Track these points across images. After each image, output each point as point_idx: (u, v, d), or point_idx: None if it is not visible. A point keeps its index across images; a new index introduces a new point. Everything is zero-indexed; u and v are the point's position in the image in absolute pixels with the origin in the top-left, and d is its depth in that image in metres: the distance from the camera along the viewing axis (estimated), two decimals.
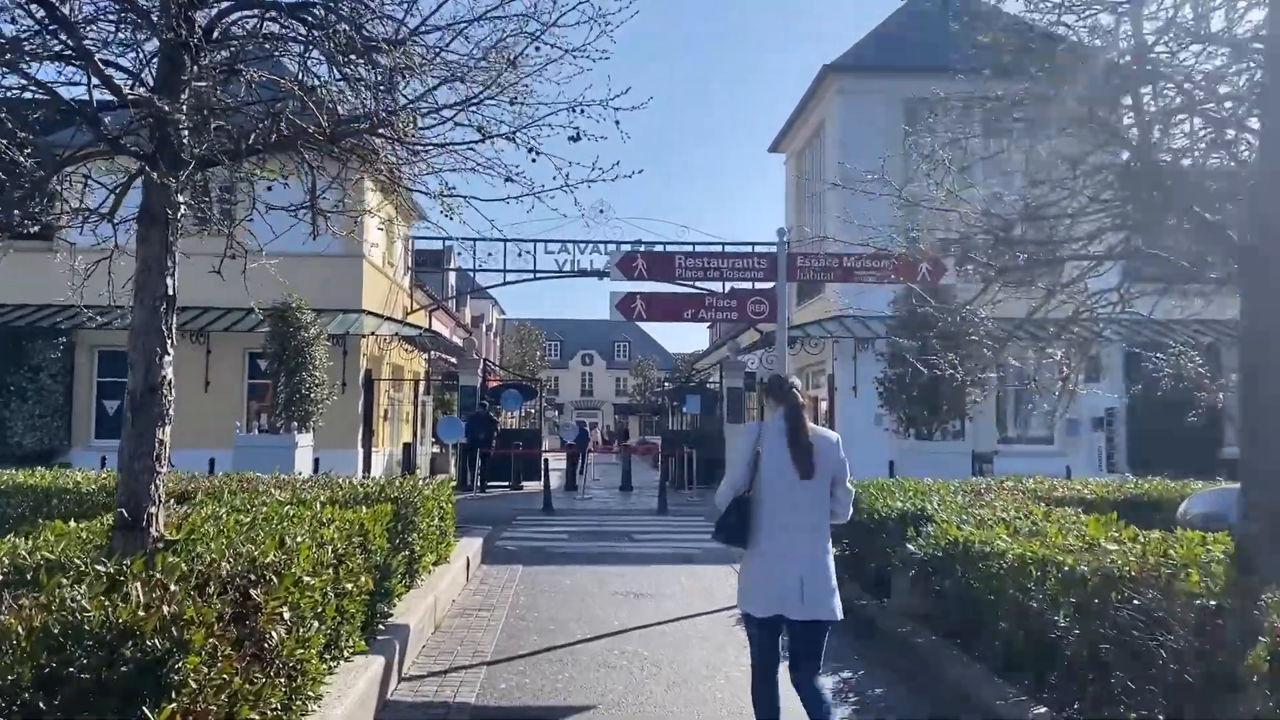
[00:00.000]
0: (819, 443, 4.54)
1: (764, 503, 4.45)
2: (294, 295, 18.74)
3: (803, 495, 4.44)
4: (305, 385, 18.23)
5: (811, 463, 4.43)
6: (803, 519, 4.44)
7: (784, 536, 4.41)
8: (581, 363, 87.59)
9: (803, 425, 4.53)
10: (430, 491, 8.38)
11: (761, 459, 4.47)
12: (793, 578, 4.33)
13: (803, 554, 4.38)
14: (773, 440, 4.49)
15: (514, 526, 14.86)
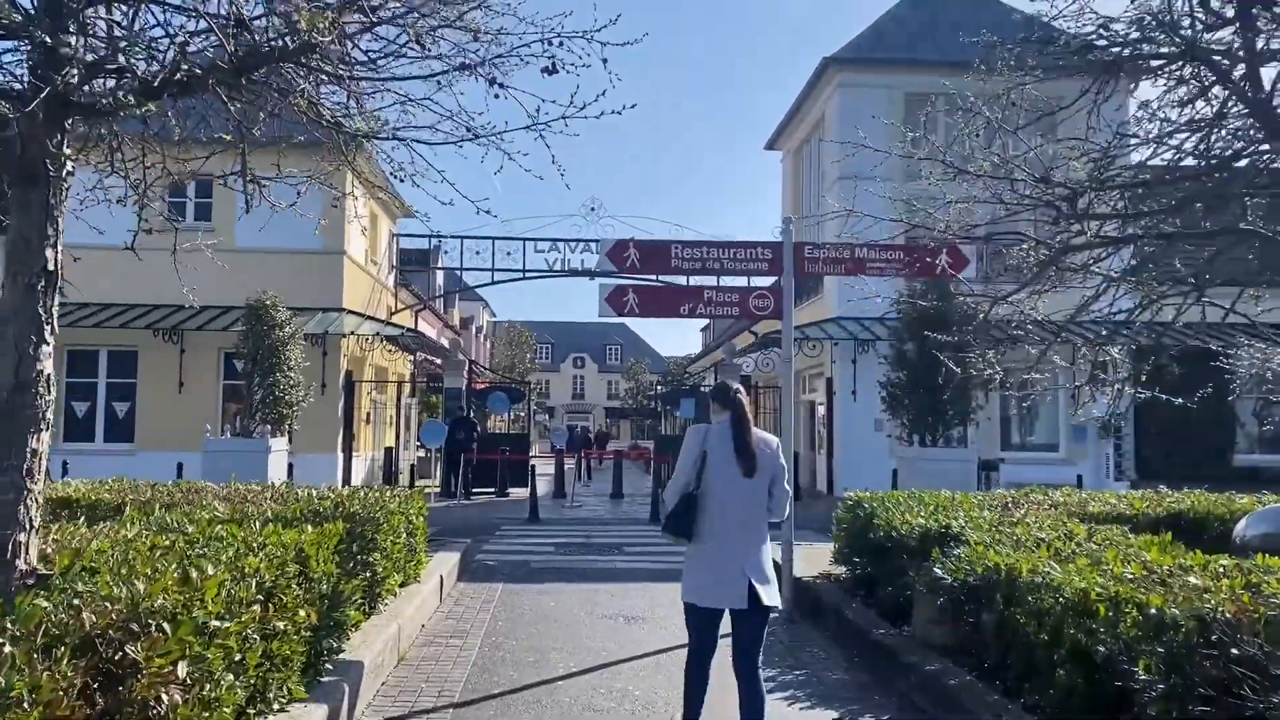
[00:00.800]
0: (761, 445, 4.85)
1: (709, 500, 4.77)
2: (268, 292, 17.87)
3: (744, 493, 4.76)
4: (280, 386, 17.33)
5: (754, 464, 4.75)
6: (743, 516, 4.77)
7: (726, 532, 4.73)
8: (573, 366, 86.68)
9: (747, 429, 4.82)
10: (397, 505, 7.52)
11: (707, 459, 4.79)
12: (734, 571, 4.66)
13: (743, 548, 4.71)
14: (718, 442, 4.80)
15: (497, 538, 13.99)
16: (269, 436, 17.06)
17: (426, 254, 29.14)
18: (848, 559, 8.55)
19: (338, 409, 21.91)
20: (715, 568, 4.70)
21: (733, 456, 4.75)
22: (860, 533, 8.04)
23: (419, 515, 8.22)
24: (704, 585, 4.73)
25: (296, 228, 21.24)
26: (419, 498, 8.43)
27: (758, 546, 4.78)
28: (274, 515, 6.04)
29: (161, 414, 21.03)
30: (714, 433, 4.85)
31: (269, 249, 21.87)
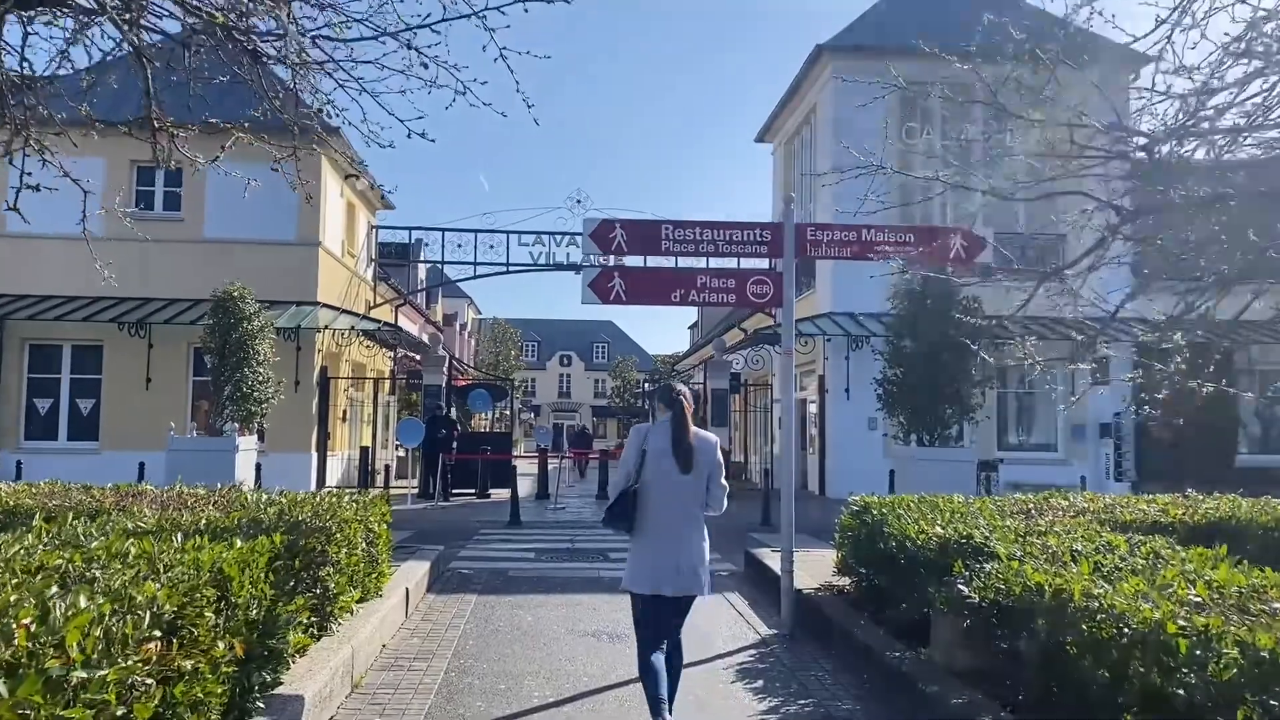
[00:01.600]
0: (698, 443, 5.12)
1: (649, 495, 5.07)
2: (236, 282, 17.04)
3: (682, 489, 5.07)
4: (248, 382, 16.50)
5: (691, 461, 5.04)
6: (681, 510, 5.08)
7: (664, 525, 5.05)
8: (559, 364, 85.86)
9: (685, 429, 5.10)
10: (354, 511, 6.74)
11: (647, 456, 5.08)
12: (670, 560, 5.01)
13: (679, 540, 5.05)
14: (658, 440, 5.09)
15: (474, 543, 13.22)
16: (237, 435, 16.22)
17: (407, 248, 28.29)
18: (853, 570, 7.83)
19: (312, 406, 21.08)
20: (653, 557, 5.07)
21: (671, 454, 5.06)
22: (868, 541, 7.31)
23: (381, 522, 7.44)
24: (643, 573, 5.10)
25: (269, 218, 20.52)
26: (381, 503, 7.65)
27: (693, 538, 5.14)
28: (206, 526, 5.26)
29: (128, 412, 20.17)
30: (655, 431, 5.20)
31: (240, 239, 21.10)
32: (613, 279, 7.55)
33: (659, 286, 7.67)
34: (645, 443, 5.15)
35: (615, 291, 7.51)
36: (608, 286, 7.54)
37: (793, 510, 7.72)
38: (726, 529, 15.52)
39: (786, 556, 7.61)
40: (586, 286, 7.56)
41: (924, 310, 17.24)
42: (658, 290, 7.67)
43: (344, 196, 23.72)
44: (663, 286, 7.65)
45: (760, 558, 10.01)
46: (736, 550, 12.31)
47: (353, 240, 24.80)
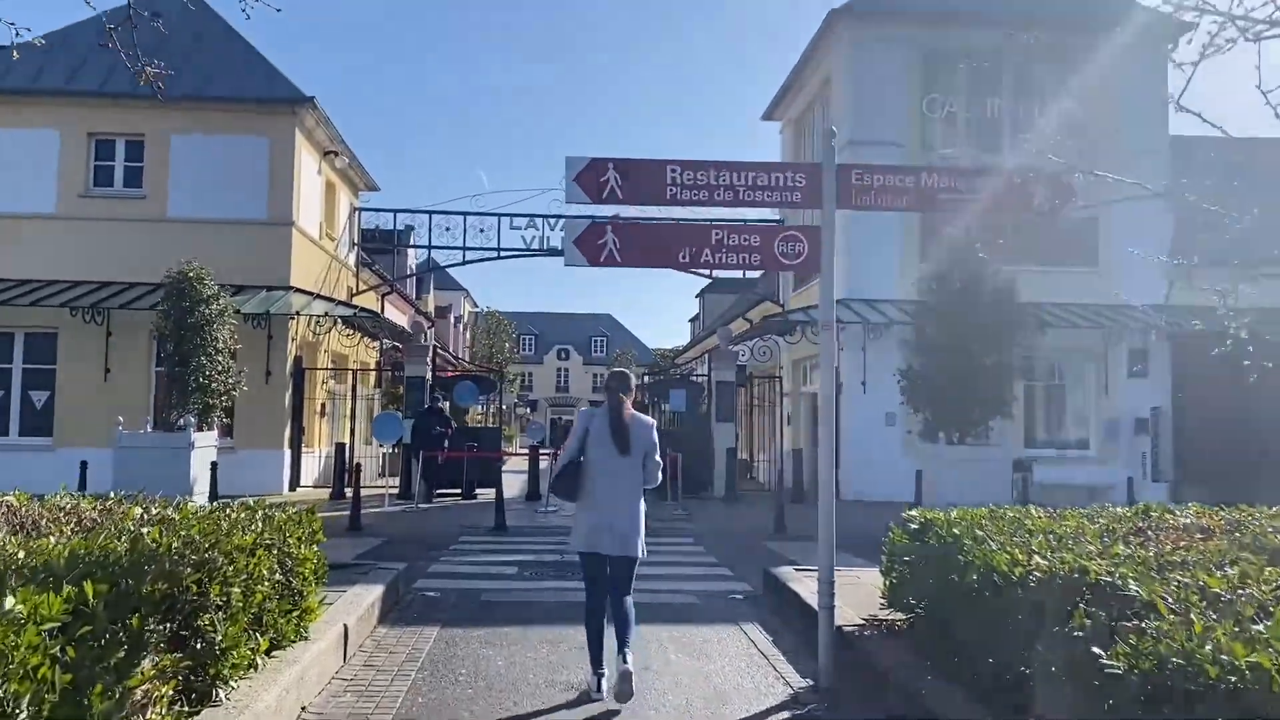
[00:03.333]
0: (635, 427, 5.84)
1: (592, 469, 5.82)
2: (193, 261, 15.42)
3: (620, 466, 5.79)
4: (205, 372, 14.89)
5: (627, 442, 5.78)
6: (620, 483, 5.81)
7: (605, 495, 5.79)
8: (557, 358, 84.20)
9: (620, 416, 5.80)
10: (262, 533, 5.12)
11: (590, 436, 5.83)
12: (606, 523, 5.75)
13: (618, 509, 5.78)
14: (600, 424, 5.84)
15: (450, 554, 11.62)
16: (193, 430, 14.61)
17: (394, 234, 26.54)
18: (910, 605, 6.21)
19: (285, 400, 19.46)
20: (595, 522, 5.75)
21: (609, 438, 5.71)
22: (934, 570, 5.71)
23: (307, 543, 5.81)
24: (587, 535, 5.78)
25: (238, 196, 18.80)
26: (310, 519, 6.02)
27: (630, 507, 5.78)
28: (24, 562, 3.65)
29: (84, 405, 18.53)
30: (598, 415, 5.85)
31: (207, 219, 19.45)
32: (604, 235, 5.93)
33: (662, 244, 6.03)
34: (590, 424, 5.86)
35: (607, 250, 5.89)
36: (598, 244, 5.91)
37: (833, 526, 6.10)
38: (735, 537, 13.91)
39: (826, 588, 6.01)
40: (571, 244, 5.94)
41: (951, 295, 15.66)
42: (660, 249, 6.03)
43: (322, 175, 22.08)
44: (667, 244, 6.01)
45: (784, 580, 8.39)
46: (751, 566, 10.70)
47: (332, 222, 23.17)
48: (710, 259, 6.00)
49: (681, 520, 15.70)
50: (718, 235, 6.04)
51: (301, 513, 5.91)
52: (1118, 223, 20.55)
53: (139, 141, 19.55)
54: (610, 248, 5.91)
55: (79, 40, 20.86)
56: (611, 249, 5.91)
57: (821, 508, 6.16)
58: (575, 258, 5.96)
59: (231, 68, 20.47)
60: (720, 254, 6.00)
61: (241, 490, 18.82)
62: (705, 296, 44.18)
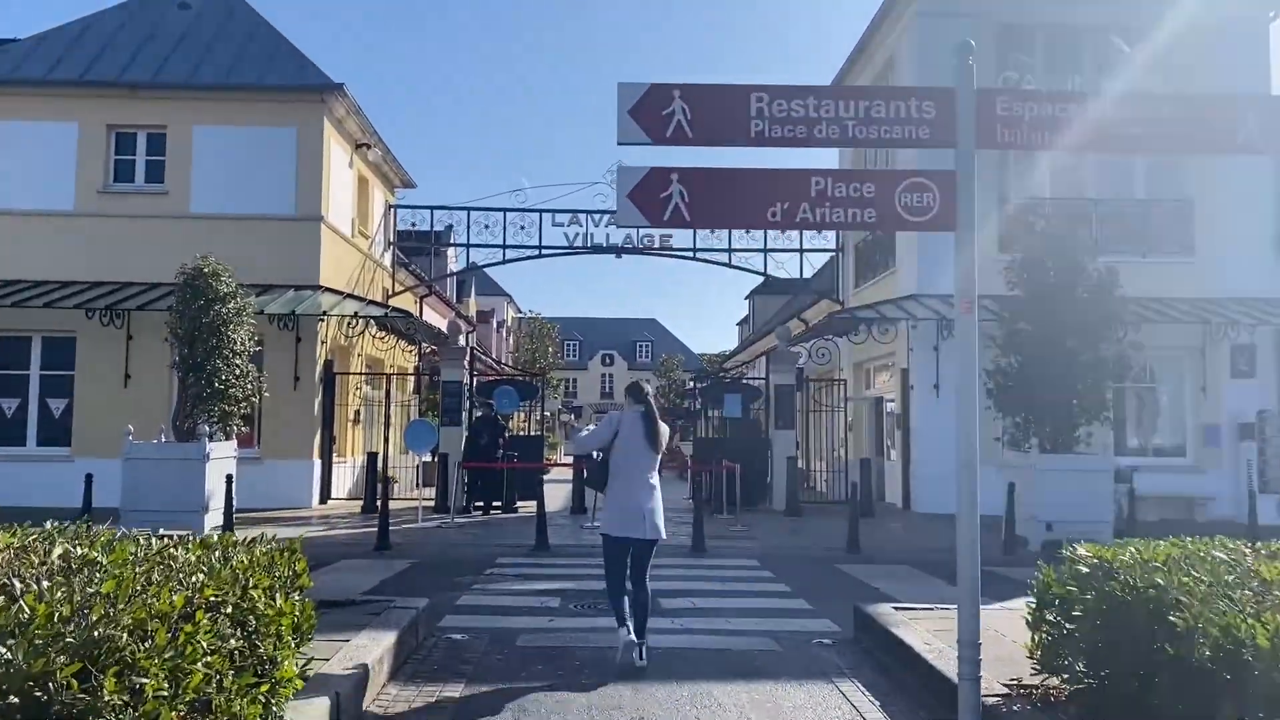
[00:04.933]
0: (662, 429, 6.82)
1: (621, 463, 6.68)
2: (209, 257, 14.25)
3: (648, 461, 6.69)
4: (222, 376, 13.68)
5: (658, 442, 6.73)
6: (647, 476, 6.65)
7: (635, 486, 6.60)
8: (601, 363, 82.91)
9: (655, 418, 6.79)
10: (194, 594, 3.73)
11: (620, 435, 6.72)
12: (638, 512, 6.53)
13: (645, 497, 6.58)
14: (630, 424, 6.75)
15: (484, 580, 10.23)
16: (209, 440, 13.42)
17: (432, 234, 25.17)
18: (1075, 671, 4.67)
19: (314, 407, 18.27)
20: (625, 511, 6.59)
21: (643, 436, 6.71)
22: (1120, 630, 4.18)
23: (284, 592, 4.42)
24: (617, 522, 6.60)
25: (265, 190, 17.55)
26: (290, 559, 4.64)
27: (655, 496, 6.67)
28: None
29: (104, 413, 17.42)
30: (626, 420, 6.82)
31: (231, 215, 18.31)
32: (668, 186, 4.49)
33: (745, 197, 4.56)
34: (619, 425, 6.76)
35: (673, 206, 4.45)
36: (660, 198, 4.48)
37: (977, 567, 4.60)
38: (804, 558, 12.36)
39: (969, 653, 4.51)
40: (625, 199, 4.51)
41: (1046, 285, 14.01)
42: (743, 204, 4.56)
43: (354, 168, 20.91)
44: (751, 197, 4.55)
45: (885, 623, 6.86)
46: (830, 597, 9.19)
47: (366, 220, 22.00)
48: (809, 216, 4.53)
49: (741, 537, 14.19)
50: (819, 185, 4.55)
51: (276, 551, 4.52)
52: (1217, 206, 18.72)
53: (160, 134, 18.49)
54: (676, 202, 4.47)
55: (100, 30, 19.94)
56: (678, 204, 4.47)
57: (961, 546, 4.66)
58: (631, 216, 4.53)
59: (258, 56, 19.39)
60: (822, 209, 4.52)
61: (268, 504, 17.78)
62: (755, 298, 42.62)
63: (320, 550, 12.51)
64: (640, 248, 22.62)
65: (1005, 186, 19.00)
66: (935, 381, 18.17)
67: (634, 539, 6.53)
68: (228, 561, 4.11)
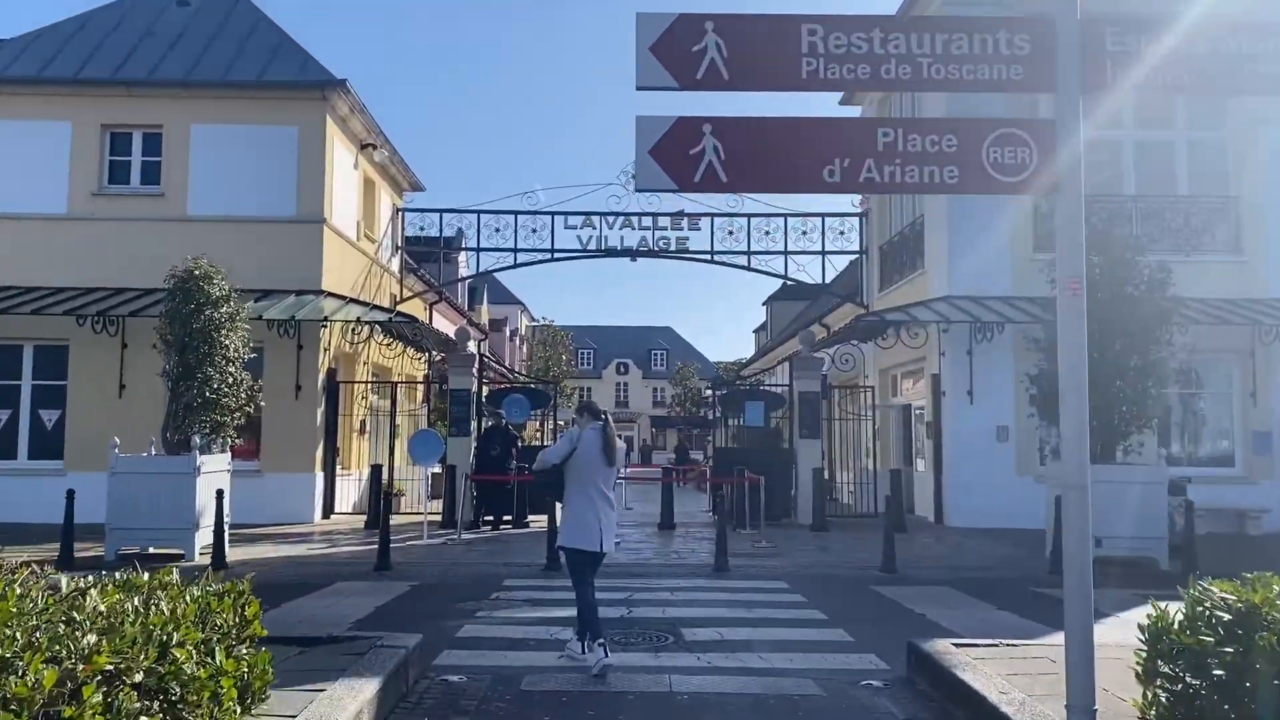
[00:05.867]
0: (618, 444, 7.15)
1: (580, 479, 6.97)
2: (202, 259, 13.47)
3: (604, 476, 7.03)
4: (214, 384, 12.88)
5: (614, 457, 7.06)
6: (603, 490, 7.00)
7: (592, 501, 6.92)
8: (616, 372, 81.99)
9: (612, 435, 7.07)
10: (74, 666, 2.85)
11: (578, 450, 6.98)
12: (595, 525, 6.88)
13: (602, 511, 6.93)
14: (588, 441, 7.01)
15: (490, 605, 9.36)
16: (199, 451, 12.62)
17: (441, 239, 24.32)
18: None
19: (316, 417, 17.46)
20: (583, 524, 6.91)
21: (600, 452, 7.00)
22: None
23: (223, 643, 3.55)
24: (579, 535, 6.92)
25: (264, 192, 16.75)
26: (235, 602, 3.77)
27: (610, 510, 7.02)
28: None
29: (98, 425, 16.59)
30: (584, 437, 7.05)
31: (230, 217, 17.52)
32: (699, 140, 3.63)
33: (797, 152, 3.67)
34: (577, 442, 7.04)
35: (705, 164, 3.59)
36: (689, 155, 3.61)
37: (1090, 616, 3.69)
38: (837, 579, 11.41)
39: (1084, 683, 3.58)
40: (646, 155, 3.64)
41: (1092, 283, 13.04)
42: (794, 159, 3.68)
43: (359, 169, 20.15)
44: (804, 152, 3.67)
45: (948, 666, 5.92)
46: (872, 625, 8.28)
47: (372, 223, 21.22)
48: (875, 175, 3.65)
49: (767, 555, 13.26)
50: (888, 137, 3.68)
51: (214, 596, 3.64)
52: (1266, 203, 17.73)
53: (156, 134, 17.76)
54: (710, 160, 3.60)
55: (95, 27, 19.27)
56: (712, 162, 3.60)
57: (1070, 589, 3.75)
58: (654, 178, 3.66)
59: (259, 53, 18.65)
60: (891, 167, 3.64)
61: (268, 519, 16.95)
62: (773, 304, 41.69)
63: (315, 571, 11.68)
64: (656, 250, 21.80)
65: None
66: (969, 387, 17.22)
67: (590, 551, 6.91)
68: (147, 611, 3.24)
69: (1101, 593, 10.72)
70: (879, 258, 22.21)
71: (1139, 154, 18.30)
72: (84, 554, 12.39)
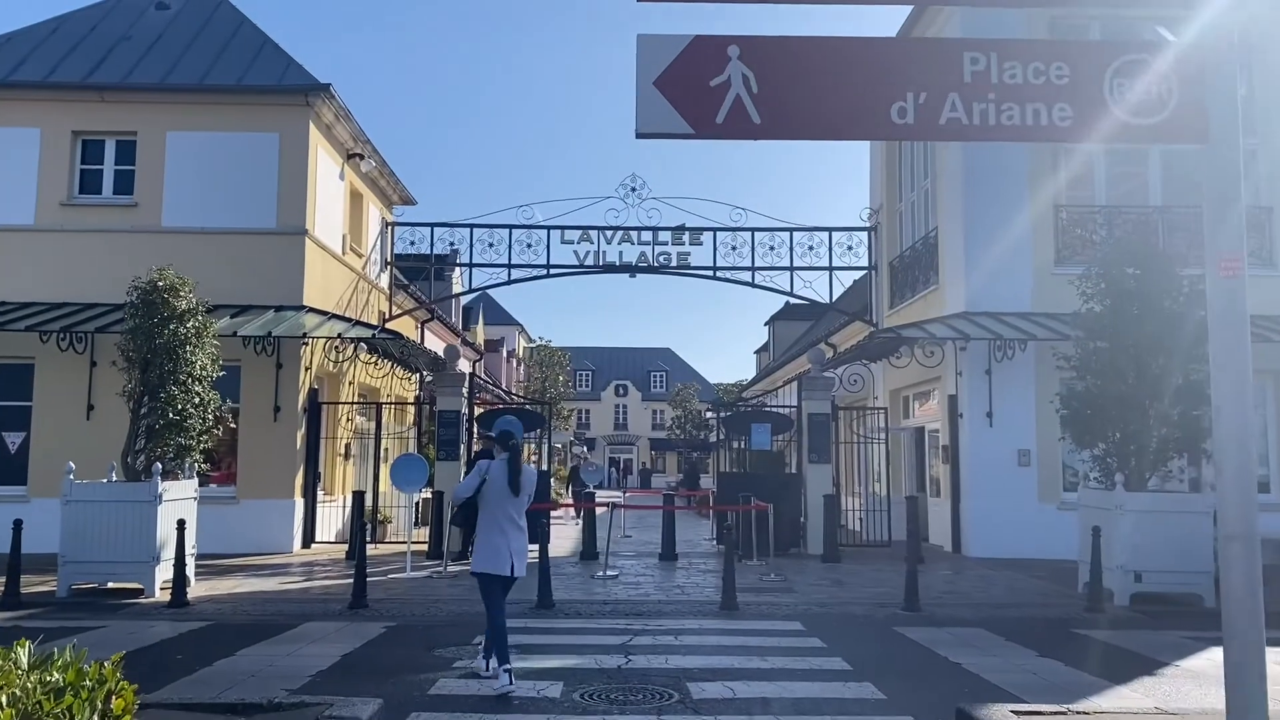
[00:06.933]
0: (526, 474, 7.33)
1: (488, 507, 7.24)
2: (167, 270, 12.54)
3: (513, 504, 7.25)
4: (178, 405, 11.90)
5: (519, 485, 7.23)
6: (512, 517, 7.24)
7: (501, 528, 7.19)
8: (615, 394, 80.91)
9: (518, 465, 7.29)
10: None
11: (488, 480, 7.24)
12: (505, 551, 7.15)
13: (512, 537, 7.20)
14: (497, 471, 7.26)
15: (471, 653, 8.35)
16: (161, 478, 11.61)
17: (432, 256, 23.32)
18: None
19: (296, 440, 16.45)
20: (494, 550, 7.17)
21: (505, 483, 7.20)
22: None
23: None
24: (490, 560, 7.18)
25: (243, 202, 15.78)
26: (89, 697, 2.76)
27: (521, 536, 7.27)
28: None
29: (64, 447, 15.54)
30: (494, 466, 7.30)
31: (206, 229, 16.57)
32: (723, 66, 2.69)
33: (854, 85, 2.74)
34: (487, 473, 7.27)
35: (732, 101, 2.65)
36: (709, 88, 2.67)
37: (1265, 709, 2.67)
38: (855, 618, 10.34)
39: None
40: (650, 87, 2.68)
41: (1125, 296, 12.12)
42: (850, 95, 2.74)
43: (345, 180, 19.23)
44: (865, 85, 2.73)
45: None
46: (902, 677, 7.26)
47: (359, 237, 20.29)
48: (962, 117, 2.67)
49: (778, 590, 12.23)
50: (978, 65, 2.70)
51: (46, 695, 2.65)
52: None
53: (130, 141, 16.85)
54: (739, 94, 2.62)
55: (70, 31, 18.41)
56: (741, 97, 2.63)
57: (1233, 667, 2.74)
58: (660, 118, 2.67)
59: (240, 57, 17.78)
60: (983, 105, 2.67)
61: (244, 549, 15.88)
62: (775, 324, 40.77)
63: (284, 609, 10.66)
64: (656, 266, 20.91)
65: (1059, 193, 17.17)
66: (988, 409, 16.23)
67: (501, 575, 7.13)
68: None
69: (1150, 636, 9.74)
70: (889, 273, 21.29)
71: (1165, 162, 17.40)
72: (36, 589, 11.39)
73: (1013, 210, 16.65)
